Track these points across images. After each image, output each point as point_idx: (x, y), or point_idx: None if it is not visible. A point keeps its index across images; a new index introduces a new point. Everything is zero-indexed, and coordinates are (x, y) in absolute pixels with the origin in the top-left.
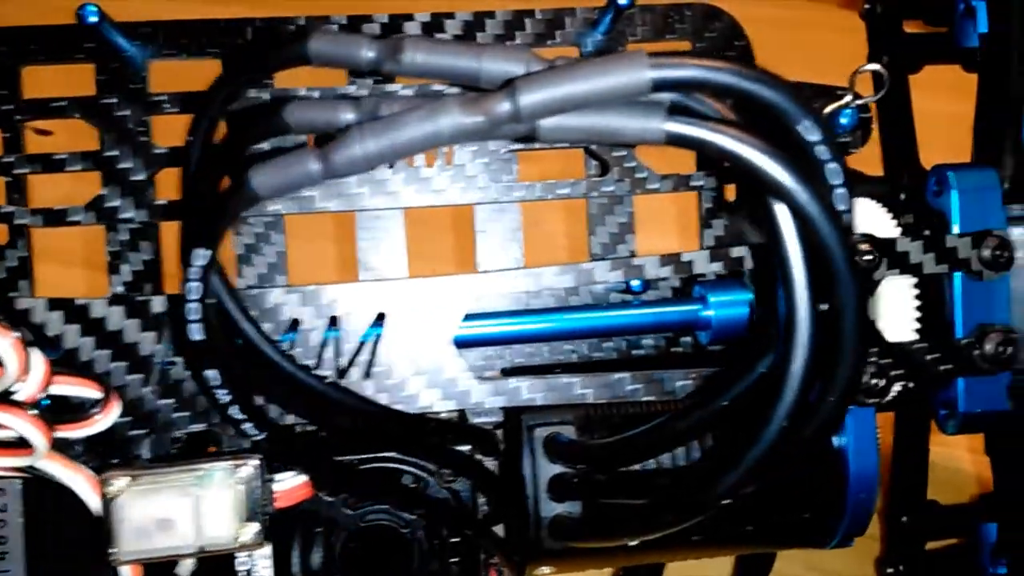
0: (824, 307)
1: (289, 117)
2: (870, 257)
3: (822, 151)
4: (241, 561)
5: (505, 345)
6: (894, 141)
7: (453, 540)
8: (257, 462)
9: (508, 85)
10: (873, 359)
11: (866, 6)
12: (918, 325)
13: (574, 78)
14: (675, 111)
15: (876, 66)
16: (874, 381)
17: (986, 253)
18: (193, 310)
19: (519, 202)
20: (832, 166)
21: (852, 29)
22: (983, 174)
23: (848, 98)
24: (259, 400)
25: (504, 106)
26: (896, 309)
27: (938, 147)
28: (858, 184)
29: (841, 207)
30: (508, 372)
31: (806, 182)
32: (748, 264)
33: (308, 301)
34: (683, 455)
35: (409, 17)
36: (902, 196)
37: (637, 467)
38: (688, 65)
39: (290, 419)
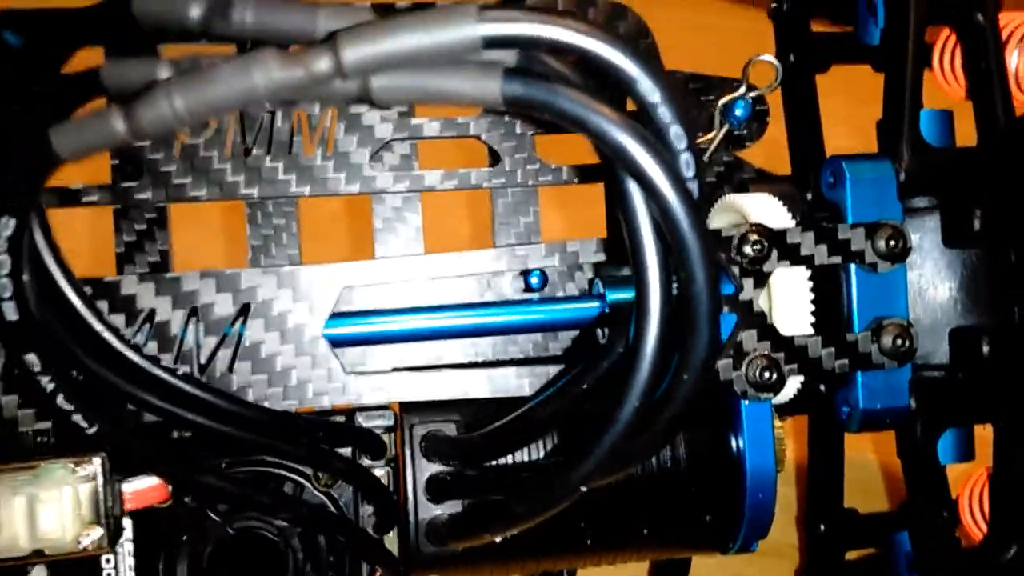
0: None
1: (106, 78)
2: (759, 247)
3: (664, 113)
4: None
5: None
6: (801, 141)
7: (331, 549)
8: (100, 459)
9: (330, 38)
10: (764, 352)
11: (773, 5)
12: (813, 319)
13: (399, 31)
14: (517, 73)
15: (769, 56)
16: (766, 375)
17: (880, 244)
18: (3, 287)
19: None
20: (675, 129)
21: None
22: (878, 165)
23: (742, 89)
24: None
25: (325, 60)
26: (790, 302)
27: None
28: (765, 183)
29: (687, 173)
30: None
31: (645, 143)
32: None
33: (164, 291)
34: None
35: None
36: (808, 196)
37: (508, 461)
38: (520, 20)
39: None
